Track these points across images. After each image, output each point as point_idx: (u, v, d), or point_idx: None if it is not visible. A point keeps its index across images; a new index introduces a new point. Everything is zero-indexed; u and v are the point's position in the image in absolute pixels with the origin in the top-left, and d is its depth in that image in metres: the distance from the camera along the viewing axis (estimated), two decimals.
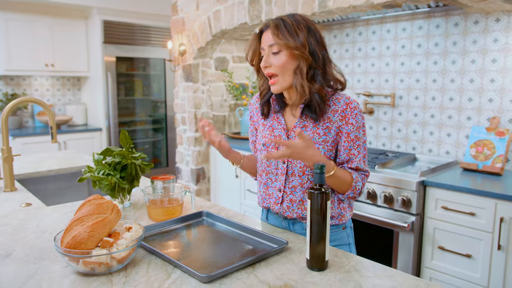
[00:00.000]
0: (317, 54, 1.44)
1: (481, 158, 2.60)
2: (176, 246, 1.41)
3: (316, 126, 1.47)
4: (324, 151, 1.45)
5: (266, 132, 1.59)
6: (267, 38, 1.44)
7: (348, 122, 1.44)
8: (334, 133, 1.46)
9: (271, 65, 1.44)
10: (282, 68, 1.43)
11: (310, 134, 1.47)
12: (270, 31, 1.43)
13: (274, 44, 1.42)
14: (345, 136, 1.45)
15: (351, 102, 1.45)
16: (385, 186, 2.54)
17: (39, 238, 1.47)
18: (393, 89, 3.21)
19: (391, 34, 3.18)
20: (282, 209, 1.56)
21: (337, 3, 2.60)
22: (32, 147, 4.71)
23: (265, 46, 1.45)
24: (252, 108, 1.71)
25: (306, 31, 1.43)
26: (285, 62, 1.43)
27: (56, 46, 5.12)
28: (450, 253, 2.36)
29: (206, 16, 3.70)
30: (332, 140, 1.46)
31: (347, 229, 1.59)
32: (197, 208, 1.81)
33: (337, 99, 1.47)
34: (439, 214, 2.39)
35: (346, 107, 1.44)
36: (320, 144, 1.46)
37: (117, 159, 1.73)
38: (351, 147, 1.46)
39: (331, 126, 1.45)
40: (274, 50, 1.43)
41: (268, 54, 1.45)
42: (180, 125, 4.32)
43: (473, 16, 2.74)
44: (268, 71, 1.46)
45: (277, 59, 1.43)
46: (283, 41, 1.40)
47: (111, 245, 1.19)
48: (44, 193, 2.50)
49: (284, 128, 1.54)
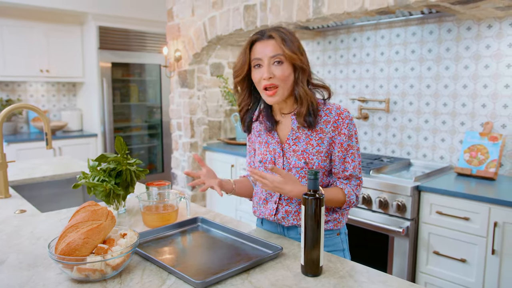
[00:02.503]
0: (308, 65, 1.48)
1: (475, 163, 2.62)
2: (171, 253, 1.41)
3: (309, 137, 1.48)
4: (318, 161, 1.47)
5: (262, 148, 1.59)
6: (268, 49, 1.43)
7: (341, 132, 1.46)
8: (327, 144, 1.47)
9: (274, 76, 1.43)
10: (285, 79, 1.44)
11: (303, 146, 1.48)
12: (277, 43, 1.43)
13: (278, 55, 1.42)
14: (338, 146, 1.47)
15: (342, 112, 1.47)
16: (380, 191, 2.55)
17: (33, 244, 1.47)
18: (388, 94, 3.23)
19: (385, 40, 3.20)
20: (277, 219, 1.56)
21: (332, 10, 2.62)
22: (27, 153, 4.69)
23: (265, 57, 1.44)
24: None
25: (299, 43, 1.47)
26: (289, 73, 1.44)
27: (52, 52, 5.12)
28: (445, 258, 2.37)
29: (201, 22, 3.72)
30: (325, 151, 1.48)
31: (341, 235, 1.59)
32: (192, 214, 1.81)
33: (328, 110, 1.48)
34: (433, 219, 2.40)
35: (338, 117, 1.47)
36: (314, 155, 1.47)
37: (112, 165, 1.73)
38: (345, 156, 1.48)
39: (324, 137, 1.47)
40: (277, 61, 1.43)
41: (269, 65, 1.44)
42: (175, 130, 4.32)
43: (465, 23, 2.76)
44: (271, 82, 1.44)
45: (281, 70, 1.43)
46: (291, 52, 1.41)
47: (105, 252, 1.19)
48: (39, 199, 2.49)
49: (278, 142, 1.54)
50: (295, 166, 1.49)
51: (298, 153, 1.49)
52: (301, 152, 1.48)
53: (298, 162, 1.48)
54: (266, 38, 1.45)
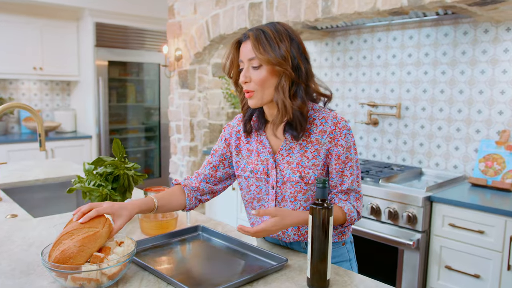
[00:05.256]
0: (300, 69, 1.39)
1: (490, 173, 2.62)
2: (170, 262, 1.42)
3: (304, 149, 1.43)
4: (314, 175, 1.42)
5: (253, 157, 1.53)
6: (246, 51, 1.39)
7: (338, 143, 1.41)
8: (324, 156, 1.42)
9: (250, 80, 1.39)
10: (262, 84, 1.38)
11: (298, 158, 1.44)
12: (250, 44, 1.37)
13: (254, 58, 1.37)
14: (336, 158, 1.42)
15: (339, 122, 1.41)
16: (389, 202, 2.55)
17: (25, 251, 1.47)
18: (399, 99, 3.23)
19: (398, 42, 3.21)
20: (277, 235, 1.53)
21: (342, 9, 2.64)
22: (18, 155, 4.71)
23: (244, 59, 1.40)
24: (231, 131, 1.61)
25: (289, 43, 1.38)
26: (265, 78, 1.38)
27: (46, 48, 5.15)
28: (458, 273, 2.37)
29: (204, 20, 3.74)
30: (322, 163, 1.43)
31: (347, 244, 1.58)
32: (192, 222, 1.82)
33: (324, 118, 1.43)
34: (446, 231, 2.40)
35: (334, 127, 1.41)
36: (310, 168, 1.42)
37: (109, 169, 1.74)
38: (343, 169, 1.43)
39: (320, 149, 1.42)
40: (254, 65, 1.38)
41: (248, 68, 1.39)
42: (174, 133, 4.33)
43: (482, 25, 2.77)
44: (247, 87, 1.40)
45: (257, 74, 1.38)
46: (265, 56, 1.34)
47: (101, 261, 1.19)
48: (31, 203, 2.50)
49: (269, 152, 1.48)
50: (290, 179, 1.44)
51: (293, 166, 1.44)
52: (296, 164, 1.43)
53: (293, 175, 1.43)
54: (246, 39, 1.41)
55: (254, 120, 1.53)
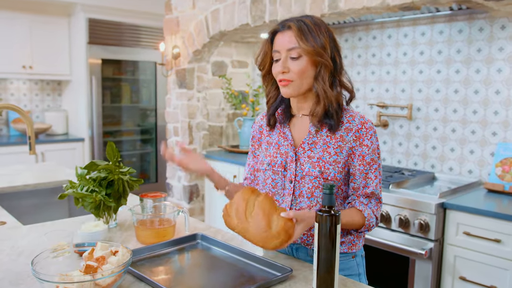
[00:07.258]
0: (336, 61, 1.48)
1: (508, 178, 2.62)
2: (167, 272, 1.42)
3: (327, 144, 1.49)
4: (334, 172, 1.46)
5: (271, 150, 1.59)
6: (285, 41, 1.46)
7: (363, 143, 1.47)
8: (346, 154, 1.48)
9: (289, 71, 1.46)
10: (301, 74, 1.45)
11: (319, 153, 1.48)
12: (293, 34, 1.44)
13: (295, 48, 1.44)
14: (360, 159, 1.47)
15: (366, 122, 1.49)
16: (400, 208, 2.55)
17: (14, 261, 1.48)
18: (410, 100, 3.24)
19: (409, 39, 3.22)
20: None
21: (349, 4, 2.64)
22: (6, 158, 4.72)
23: (282, 49, 1.46)
24: (256, 127, 1.71)
25: (327, 35, 1.46)
26: (305, 68, 1.45)
27: (35, 46, 5.16)
28: (473, 284, 2.36)
29: (203, 15, 3.75)
30: (343, 162, 1.48)
31: (357, 257, 1.58)
32: (191, 230, 1.82)
33: (352, 117, 1.50)
34: (460, 240, 2.40)
35: (361, 126, 1.48)
36: (331, 164, 1.47)
37: (103, 174, 1.74)
38: (367, 171, 1.48)
39: (344, 146, 1.47)
40: (294, 55, 1.44)
41: (286, 59, 1.46)
42: (172, 136, 4.34)
43: (499, 21, 2.78)
44: (285, 77, 1.47)
45: (296, 65, 1.45)
46: (308, 46, 1.42)
47: (95, 271, 1.20)
48: (20, 210, 2.50)
49: (291, 144, 1.54)
50: (309, 174, 1.48)
51: (314, 160, 1.48)
52: (316, 159, 1.48)
53: (313, 170, 1.47)
54: (285, 29, 1.47)
55: (279, 113, 1.60)
